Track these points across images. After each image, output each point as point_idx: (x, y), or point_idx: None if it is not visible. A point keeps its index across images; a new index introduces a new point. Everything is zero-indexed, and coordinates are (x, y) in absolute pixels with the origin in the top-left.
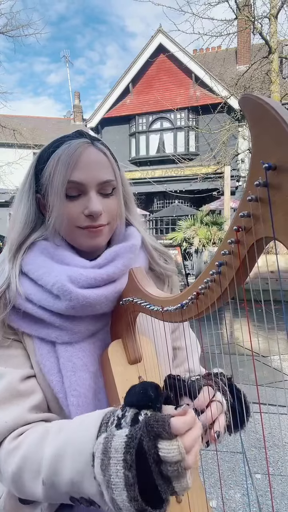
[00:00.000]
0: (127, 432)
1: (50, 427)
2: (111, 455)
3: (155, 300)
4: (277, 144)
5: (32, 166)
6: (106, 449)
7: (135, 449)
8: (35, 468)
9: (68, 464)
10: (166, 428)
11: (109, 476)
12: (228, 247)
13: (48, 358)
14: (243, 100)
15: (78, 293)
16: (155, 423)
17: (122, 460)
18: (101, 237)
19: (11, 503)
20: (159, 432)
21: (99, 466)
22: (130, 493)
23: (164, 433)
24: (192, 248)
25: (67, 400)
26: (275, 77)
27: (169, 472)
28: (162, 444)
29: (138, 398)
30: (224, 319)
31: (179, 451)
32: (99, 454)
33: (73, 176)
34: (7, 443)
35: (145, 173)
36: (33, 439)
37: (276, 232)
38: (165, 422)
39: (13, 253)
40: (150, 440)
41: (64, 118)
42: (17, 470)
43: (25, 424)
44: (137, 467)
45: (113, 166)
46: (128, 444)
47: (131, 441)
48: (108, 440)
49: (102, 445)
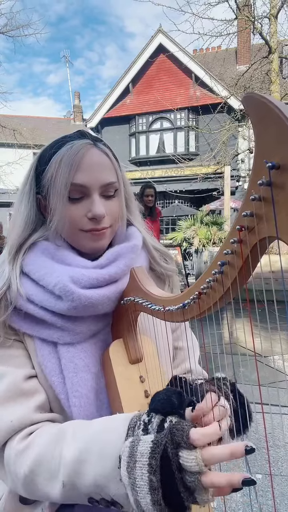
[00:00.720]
0: (153, 438)
1: (65, 429)
2: (137, 459)
3: (157, 300)
4: (280, 143)
5: (33, 167)
6: (132, 452)
7: (160, 454)
8: (52, 470)
9: (93, 466)
10: (185, 438)
11: (134, 479)
12: (230, 247)
13: (49, 359)
14: (246, 99)
15: (81, 294)
16: (176, 432)
17: (148, 465)
18: (103, 239)
19: (11, 504)
20: (179, 441)
21: (125, 468)
22: (154, 497)
23: (183, 443)
24: (192, 248)
25: (69, 401)
26: (275, 77)
27: (188, 482)
28: (182, 453)
29: (163, 405)
30: (226, 319)
31: (196, 462)
32: (125, 457)
33: (76, 178)
34: (16, 443)
35: (145, 173)
36: (47, 440)
37: (280, 231)
38: (185, 431)
39: (13, 254)
40: (173, 448)
41: (64, 118)
42: (30, 471)
43: (32, 424)
44: (161, 472)
45: (115, 167)
46: (153, 449)
47: (156, 447)
48: (134, 444)
49: (129, 448)
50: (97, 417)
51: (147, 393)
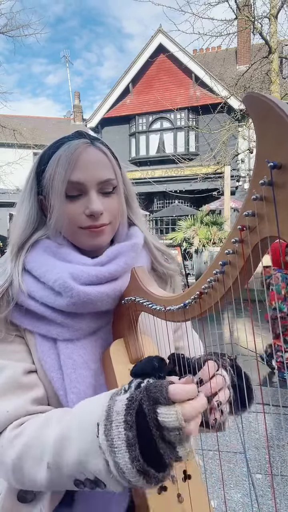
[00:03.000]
0: (128, 395)
1: (53, 413)
2: (113, 418)
3: (158, 299)
4: (282, 142)
5: (34, 168)
6: (109, 414)
7: (135, 410)
8: (38, 453)
9: (75, 442)
10: (164, 393)
11: (111, 440)
12: (232, 247)
13: (49, 355)
14: (247, 98)
15: (80, 290)
16: (153, 388)
17: (123, 422)
18: (103, 236)
19: (9, 502)
20: (157, 396)
21: (103, 432)
22: (132, 454)
23: (161, 398)
24: (192, 248)
25: (67, 397)
26: (275, 77)
27: (171, 437)
28: (160, 409)
29: (143, 366)
30: (227, 319)
31: (176, 417)
32: (102, 421)
33: (72, 176)
34: (8, 432)
35: (145, 173)
36: (35, 426)
37: (281, 231)
38: (163, 387)
39: (15, 252)
40: (150, 405)
41: (64, 118)
42: (18, 458)
43: (26, 415)
44: (138, 428)
45: (113, 165)
46: (128, 406)
47: (131, 403)
48: (110, 406)
49: (106, 412)
50: None
51: None
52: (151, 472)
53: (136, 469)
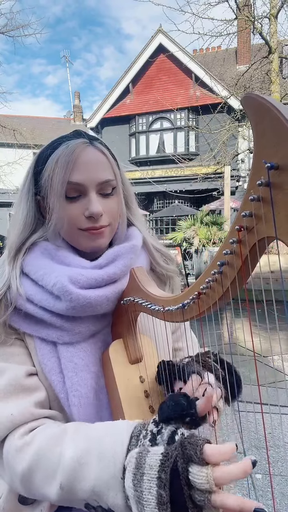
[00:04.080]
0: (163, 450)
1: (67, 428)
2: (145, 471)
3: (156, 300)
4: (279, 143)
5: (31, 168)
6: (140, 464)
7: (170, 468)
8: (50, 469)
9: (93, 472)
10: (197, 452)
11: (140, 492)
12: (230, 247)
13: (49, 358)
14: (246, 99)
15: (79, 294)
16: (188, 445)
17: (157, 478)
18: (102, 238)
19: (10, 504)
20: (190, 455)
21: (131, 480)
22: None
23: (195, 457)
24: (192, 248)
25: (69, 400)
26: (275, 77)
27: (197, 500)
28: (192, 468)
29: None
30: (225, 319)
31: (207, 480)
32: (131, 468)
33: (72, 177)
34: (16, 439)
35: (145, 173)
36: (47, 438)
37: (278, 232)
38: (198, 446)
39: (13, 255)
40: (184, 462)
41: (64, 118)
42: (28, 468)
43: (32, 419)
44: (171, 487)
45: (112, 165)
46: (163, 462)
47: (167, 459)
48: (142, 455)
49: (135, 459)
50: (97, 417)
51: (146, 393)
52: None
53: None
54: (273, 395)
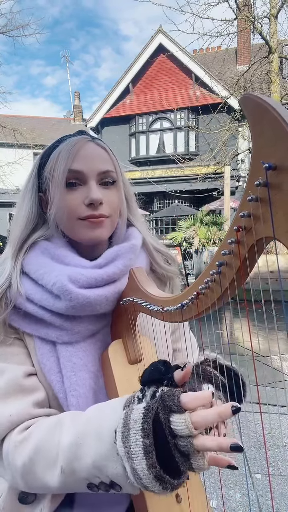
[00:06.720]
0: (145, 404)
1: (62, 417)
2: (131, 426)
3: (155, 300)
4: (277, 143)
5: (35, 166)
6: (126, 422)
7: (152, 419)
8: (50, 457)
9: (91, 447)
10: (175, 401)
11: (129, 447)
12: (228, 247)
13: (48, 358)
14: (244, 99)
15: (78, 293)
16: (167, 397)
17: (141, 430)
18: (102, 228)
19: (10, 503)
20: (170, 405)
21: (121, 439)
22: (149, 460)
23: (174, 406)
24: (192, 248)
25: (67, 400)
26: (275, 77)
27: (181, 447)
28: (173, 417)
29: (150, 374)
30: (224, 319)
31: (185, 425)
32: (120, 428)
33: (73, 165)
34: (14, 435)
35: (145, 173)
36: (45, 429)
37: (276, 232)
38: (175, 396)
39: (16, 252)
40: (165, 413)
41: (64, 118)
42: (28, 460)
43: (30, 418)
44: (155, 436)
45: (112, 160)
46: (146, 414)
47: (148, 412)
48: (127, 414)
49: (123, 420)
50: None
51: None
52: (166, 478)
53: (153, 475)
54: (272, 395)
